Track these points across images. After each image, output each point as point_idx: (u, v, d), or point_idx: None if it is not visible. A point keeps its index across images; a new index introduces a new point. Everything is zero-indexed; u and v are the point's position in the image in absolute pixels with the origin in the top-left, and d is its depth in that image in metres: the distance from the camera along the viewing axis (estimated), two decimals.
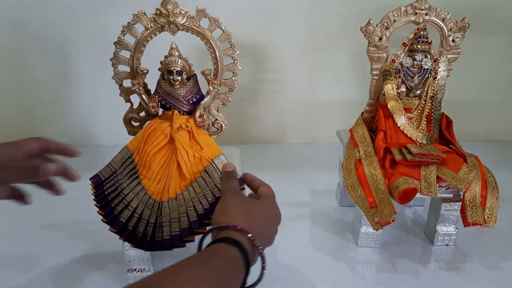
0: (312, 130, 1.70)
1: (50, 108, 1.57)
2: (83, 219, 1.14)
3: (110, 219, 0.84)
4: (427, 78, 1.03)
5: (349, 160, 1.04)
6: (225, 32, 0.91)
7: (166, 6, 0.87)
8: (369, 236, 1.05)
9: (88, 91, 1.55)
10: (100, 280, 0.94)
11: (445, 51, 1.06)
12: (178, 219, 0.82)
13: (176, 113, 0.90)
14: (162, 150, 0.88)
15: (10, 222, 1.14)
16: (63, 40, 1.47)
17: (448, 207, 1.02)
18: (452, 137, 1.07)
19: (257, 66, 1.56)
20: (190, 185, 0.84)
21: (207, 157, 0.87)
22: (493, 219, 0.96)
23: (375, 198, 0.94)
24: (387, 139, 1.04)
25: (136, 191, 0.85)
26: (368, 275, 0.98)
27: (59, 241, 1.07)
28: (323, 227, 1.15)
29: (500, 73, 1.64)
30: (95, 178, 0.90)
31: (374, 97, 1.11)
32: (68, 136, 1.62)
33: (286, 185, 1.36)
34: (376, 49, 1.05)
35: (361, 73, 1.52)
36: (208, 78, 0.92)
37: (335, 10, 1.49)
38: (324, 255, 1.04)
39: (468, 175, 0.95)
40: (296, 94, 1.63)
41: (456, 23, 1.04)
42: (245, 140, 1.70)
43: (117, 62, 0.92)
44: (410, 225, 1.17)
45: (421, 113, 1.05)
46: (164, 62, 0.89)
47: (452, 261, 1.02)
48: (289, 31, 1.52)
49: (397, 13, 1.03)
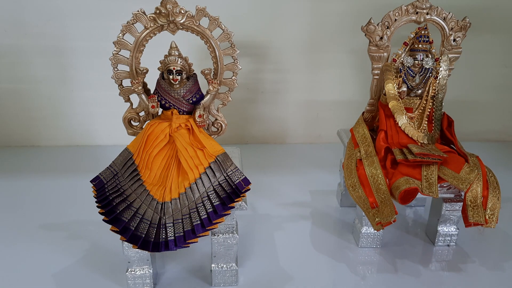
0: (313, 130, 1.69)
1: (50, 108, 1.57)
2: (83, 219, 1.14)
3: (112, 218, 0.83)
4: (428, 77, 1.03)
5: (349, 160, 1.03)
6: (225, 31, 0.91)
7: (165, 5, 0.86)
8: (370, 236, 1.05)
9: (87, 91, 1.55)
10: (100, 280, 0.94)
11: (446, 51, 1.06)
12: (181, 220, 0.82)
13: (175, 113, 0.89)
14: (163, 151, 0.88)
15: (10, 222, 1.14)
16: (62, 40, 1.47)
17: (449, 207, 1.02)
18: (453, 137, 1.06)
19: (257, 66, 1.56)
20: (194, 183, 0.84)
21: (210, 153, 0.87)
22: (494, 219, 0.95)
23: (376, 198, 0.94)
24: (388, 139, 1.03)
25: (138, 192, 0.85)
26: (369, 275, 0.98)
27: (59, 241, 1.06)
28: (324, 228, 1.14)
29: (501, 72, 1.64)
30: (97, 181, 0.89)
31: (375, 96, 1.11)
32: (68, 136, 1.62)
33: (286, 185, 1.36)
34: (377, 49, 1.05)
35: (361, 72, 1.52)
36: (208, 77, 0.91)
37: (336, 10, 1.49)
38: (325, 256, 1.03)
39: (469, 175, 0.95)
40: (296, 94, 1.62)
41: (457, 23, 1.04)
42: (245, 140, 1.70)
43: (116, 62, 0.92)
44: (411, 225, 1.17)
45: (422, 113, 1.05)
46: (164, 61, 0.88)
47: (453, 262, 1.02)
48: (290, 31, 1.51)
49: (398, 12, 1.03)
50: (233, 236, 0.89)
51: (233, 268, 0.92)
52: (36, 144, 1.63)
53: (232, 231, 0.89)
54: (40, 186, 1.32)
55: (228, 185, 0.86)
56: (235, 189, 0.85)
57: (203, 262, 1.00)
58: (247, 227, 1.13)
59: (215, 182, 0.85)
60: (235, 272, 0.92)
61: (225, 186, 0.85)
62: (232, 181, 0.86)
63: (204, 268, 0.98)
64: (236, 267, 0.92)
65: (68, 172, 1.43)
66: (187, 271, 0.98)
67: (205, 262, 1.00)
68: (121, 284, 0.93)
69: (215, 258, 0.91)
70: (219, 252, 0.91)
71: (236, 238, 0.90)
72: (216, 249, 0.90)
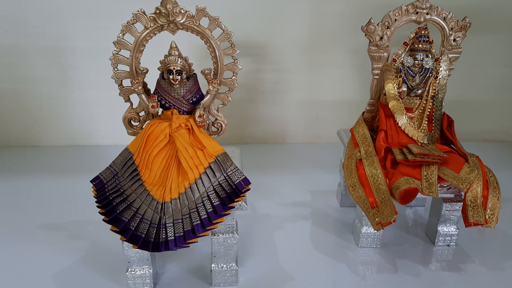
0: (313, 130, 1.69)
1: (50, 108, 1.57)
2: (83, 219, 1.14)
3: (112, 218, 0.83)
4: (428, 77, 1.03)
5: (349, 160, 1.03)
6: (225, 31, 0.91)
7: (165, 5, 0.86)
8: (370, 236, 1.05)
9: (87, 91, 1.55)
10: (100, 280, 0.94)
11: (446, 51, 1.06)
12: (181, 220, 0.82)
13: (175, 113, 0.89)
14: (163, 151, 0.88)
15: (10, 222, 1.14)
16: (62, 40, 1.47)
17: (449, 207, 1.02)
18: (453, 137, 1.06)
19: (257, 65, 1.56)
20: (194, 183, 0.84)
21: (210, 153, 0.87)
22: (494, 219, 0.95)
23: (376, 198, 0.94)
24: (388, 139, 1.03)
25: (138, 192, 0.85)
26: (369, 275, 0.98)
27: (59, 241, 1.06)
28: (324, 228, 1.14)
29: (501, 72, 1.64)
30: (97, 181, 0.89)
31: (375, 96, 1.11)
32: (68, 136, 1.62)
33: (286, 185, 1.36)
34: (377, 49, 1.05)
35: (361, 72, 1.52)
36: (208, 77, 0.91)
37: (336, 10, 1.49)
38: (325, 256, 1.03)
39: (469, 175, 0.95)
40: (296, 94, 1.62)
41: (457, 23, 1.04)
42: (245, 140, 1.69)
43: (116, 62, 0.92)
44: (411, 225, 1.17)
45: (422, 113, 1.05)
46: (164, 61, 0.88)
47: (453, 262, 1.02)
48: (290, 31, 1.51)
49: (398, 12, 1.03)
50: (233, 236, 0.89)
51: (233, 268, 0.92)
52: (36, 144, 1.63)
53: (232, 231, 0.89)
54: (40, 186, 1.32)
55: (228, 185, 0.86)
56: (235, 189, 0.85)
57: (203, 262, 1.00)
58: (247, 227, 1.13)
59: (215, 182, 0.85)
60: (235, 272, 0.92)
61: (225, 186, 0.85)
62: (232, 181, 0.86)
63: (204, 268, 0.98)
64: (236, 267, 0.92)
65: (68, 172, 1.43)
66: (187, 271, 0.98)
67: (205, 262, 1.00)
68: (121, 284, 0.93)
69: (215, 258, 0.91)
70: (219, 252, 0.91)
71: (236, 238, 0.90)
72: (216, 249, 0.90)
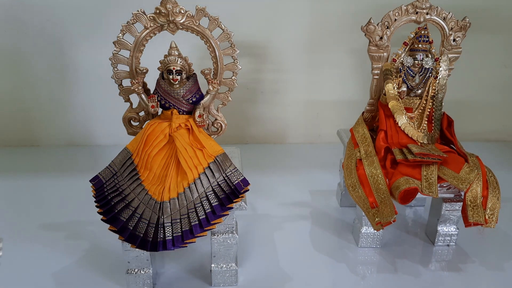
0: (312, 130, 1.69)
1: (50, 108, 1.57)
2: (83, 219, 1.14)
3: (110, 218, 0.83)
4: (428, 77, 1.03)
5: (349, 160, 1.03)
6: (225, 31, 0.91)
7: (165, 5, 0.86)
8: (369, 236, 1.05)
9: (87, 91, 1.55)
10: (100, 280, 0.94)
11: (446, 51, 1.06)
12: (179, 220, 0.82)
13: (175, 113, 0.89)
14: (162, 151, 0.88)
15: (10, 222, 1.14)
16: (62, 40, 1.47)
17: (449, 207, 1.02)
18: (453, 136, 1.06)
19: (257, 65, 1.56)
20: (193, 183, 0.84)
21: (209, 154, 0.87)
22: (494, 219, 0.95)
23: (376, 198, 0.94)
24: (388, 139, 1.03)
25: (136, 191, 0.85)
26: (368, 275, 0.98)
27: (59, 241, 1.06)
28: (324, 228, 1.14)
29: (501, 72, 1.64)
30: (96, 180, 0.89)
31: (375, 96, 1.11)
32: (68, 136, 1.62)
33: (286, 185, 1.36)
34: (377, 49, 1.05)
35: (361, 72, 1.52)
36: (208, 77, 0.91)
37: (336, 10, 1.49)
38: (325, 256, 1.03)
39: (469, 175, 0.95)
40: (296, 94, 1.62)
41: (457, 23, 1.04)
42: (245, 140, 1.70)
43: (116, 62, 0.92)
44: (411, 225, 1.17)
45: (422, 113, 1.05)
46: (164, 61, 0.88)
47: (453, 262, 1.02)
48: (290, 31, 1.51)
49: (398, 12, 1.03)
50: (232, 236, 0.89)
51: (233, 268, 0.92)
52: (36, 144, 1.63)
53: (231, 231, 0.89)
54: (40, 186, 1.32)
55: (227, 185, 0.86)
56: (234, 190, 0.85)
57: (203, 262, 1.00)
58: (247, 227, 1.13)
59: (214, 183, 0.85)
60: (235, 272, 0.92)
61: (224, 187, 0.85)
62: (231, 182, 0.86)
63: (204, 268, 0.98)
64: (236, 267, 0.92)
65: (67, 172, 1.43)
66: (187, 271, 0.98)
67: (205, 262, 1.00)
68: (121, 284, 0.93)
69: (214, 258, 0.91)
70: (218, 252, 0.91)
71: (236, 238, 0.90)
72: (216, 249, 0.90)
